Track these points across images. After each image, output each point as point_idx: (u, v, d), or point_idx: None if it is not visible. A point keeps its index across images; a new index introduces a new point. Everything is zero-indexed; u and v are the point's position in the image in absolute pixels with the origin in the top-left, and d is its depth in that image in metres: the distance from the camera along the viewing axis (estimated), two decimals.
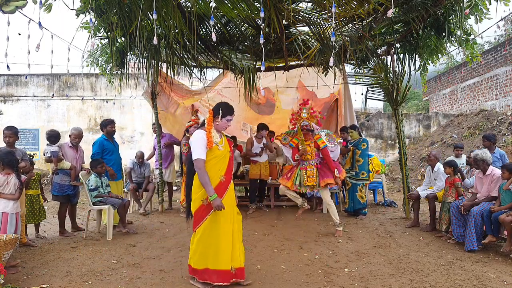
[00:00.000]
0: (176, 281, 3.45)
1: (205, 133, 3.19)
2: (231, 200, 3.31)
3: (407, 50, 6.10)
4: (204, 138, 3.17)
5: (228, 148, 3.35)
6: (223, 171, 3.25)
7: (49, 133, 5.28)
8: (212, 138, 3.19)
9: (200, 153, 3.13)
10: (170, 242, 4.87)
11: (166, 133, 7.64)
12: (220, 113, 3.27)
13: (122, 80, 6.12)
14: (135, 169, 6.98)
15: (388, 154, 12.56)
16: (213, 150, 3.19)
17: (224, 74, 7.80)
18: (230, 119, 3.34)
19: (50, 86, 12.21)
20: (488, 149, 5.54)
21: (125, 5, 4.23)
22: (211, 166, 3.18)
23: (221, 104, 3.39)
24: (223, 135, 3.39)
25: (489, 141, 5.68)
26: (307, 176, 5.22)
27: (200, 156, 3.12)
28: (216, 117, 3.29)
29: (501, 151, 5.79)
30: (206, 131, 3.21)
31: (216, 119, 3.29)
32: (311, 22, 5.14)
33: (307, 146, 5.30)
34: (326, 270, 3.77)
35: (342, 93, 8.12)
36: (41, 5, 3.50)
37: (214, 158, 3.20)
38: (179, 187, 9.79)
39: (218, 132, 3.33)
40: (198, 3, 4.54)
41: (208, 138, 3.17)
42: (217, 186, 3.16)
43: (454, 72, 15.21)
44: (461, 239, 4.70)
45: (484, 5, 4.56)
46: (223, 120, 3.29)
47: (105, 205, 5.11)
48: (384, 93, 6.65)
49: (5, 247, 3.36)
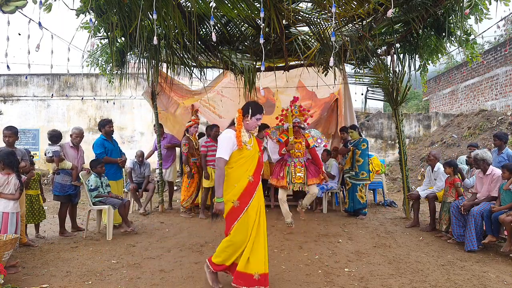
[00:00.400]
0: (176, 281, 3.45)
1: (234, 133, 3.11)
2: (260, 202, 3.19)
3: (407, 50, 6.10)
4: (232, 138, 3.08)
5: (257, 148, 3.25)
6: (251, 172, 3.14)
7: (51, 133, 5.29)
8: (242, 138, 3.10)
9: (223, 153, 3.06)
10: (170, 242, 4.87)
11: (167, 134, 7.64)
12: (250, 112, 3.17)
13: (122, 80, 6.11)
14: (135, 169, 6.98)
15: (388, 154, 12.56)
16: (241, 150, 3.09)
17: (224, 74, 7.80)
18: (260, 118, 3.23)
19: (50, 86, 12.21)
20: (498, 148, 5.44)
21: (125, 5, 4.23)
22: (239, 166, 3.10)
23: (251, 103, 3.28)
24: (252, 135, 3.30)
25: (500, 140, 5.44)
26: (296, 173, 5.28)
27: (222, 156, 3.05)
28: (246, 116, 3.19)
29: (511, 151, 5.46)
30: (236, 131, 3.12)
31: (245, 119, 3.19)
32: (311, 22, 5.14)
33: (298, 143, 5.35)
34: (326, 270, 3.77)
35: (342, 93, 8.12)
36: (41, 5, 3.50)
37: (242, 158, 3.11)
38: (179, 187, 9.79)
39: (248, 131, 3.23)
40: (198, 3, 4.54)
41: (237, 138, 3.08)
42: (246, 187, 3.07)
43: (454, 72, 15.21)
44: (461, 239, 4.70)
45: (484, 5, 4.55)
46: (252, 119, 3.19)
47: (105, 205, 5.11)
48: (384, 93, 6.65)
49: (5, 247, 3.36)
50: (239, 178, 3.08)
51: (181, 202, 6.77)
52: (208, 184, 6.47)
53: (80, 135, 5.47)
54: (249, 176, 3.12)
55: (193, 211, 6.83)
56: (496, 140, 5.53)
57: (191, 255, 4.27)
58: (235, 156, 3.09)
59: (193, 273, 3.67)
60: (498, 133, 5.66)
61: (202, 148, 6.54)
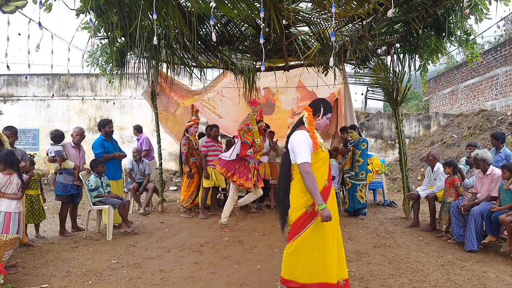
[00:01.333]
0: (176, 281, 3.45)
1: (308, 134, 2.85)
2: (334, 206, 2.96)
3: (407, 50, 6.10)
4: (309, 139, 2.82)
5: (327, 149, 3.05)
6: (326, 175, 2.91)
7: (53, 133, 5.30)
8: (317, 138, 2.87)
9: (306, 156, 2.76)
10: (170, 242, 4.87)
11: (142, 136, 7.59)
12: (321, 111, 2.94)
13: (122, 80, 6.12)
14: (134, 168, 6.99)
15: (388, 154, 12.56)
16: (318, 152, 2.85)
17: (224, 74, 7.80)
18: (329, 117, 3.06)
19: (50, 86, 12.21)
20: (496, 148, 5.43)
21: (125, 5, 4.23)
22: (316, 169, 2.82)
23: (321, 101, 3.05)
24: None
25: (496, 140, 5.41)
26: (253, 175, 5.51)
27: (306, 160, 2.76)
28: (317, 116, 2.94)
29: (509, 151, 5.46)
30: (309, 132, 2.87)
31: (317, 118, 2.95)
32: (311, 22, 5.14)
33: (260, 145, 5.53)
34: None
35: (342, 93, 8.12)
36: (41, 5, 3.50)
37: (319, 160, 2.86)
38: (179, 187, 9.78)
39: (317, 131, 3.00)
40: (198, 3, 4.54)
41: (313, 139, 2.83)
42: (322, 192, 2.80)
43: (454, 72, 15.21)
44: (461, 239, 4.70)
45: (484, 5, 4.55)
46: (323, 118, 2.97)
47: (105, 205, 5.11)
48: (384, 93, 6.65)
49: (5, 247, 3.36)
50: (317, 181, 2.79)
51: (181, 202, 6.77)
52: (208, 184, 6.47)
53: (81, 134, 5.48)
54: (325, 180, 2.89)
55: (193, 211, 6.83)
56: (493, 140, 5.51)
57: (191, 255, 4.27)
58: (312, 159, 2.82)
59: (193, 273, 3.67)
60: (495, 133, 5.64)
61: (202, 148, 6.54)
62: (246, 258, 4.15)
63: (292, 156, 2.88)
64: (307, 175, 2.74)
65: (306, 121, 2.93)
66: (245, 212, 7.09)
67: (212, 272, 3.68)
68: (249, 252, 4.39)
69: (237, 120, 9.27)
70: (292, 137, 2.90)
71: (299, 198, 2.85)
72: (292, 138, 2.90)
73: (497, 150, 5.40)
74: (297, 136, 2.87)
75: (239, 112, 8.94)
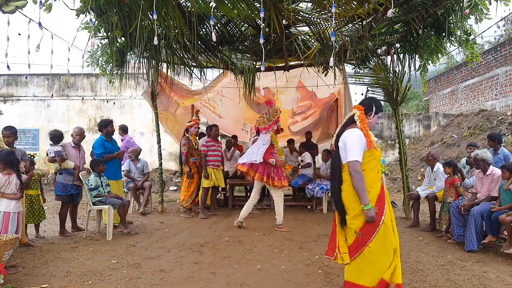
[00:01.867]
0: (176, 281, 3.45)
1: (362, 132, 2.77)
2: (390, 207, 2.85)
3: (407, 50, 6.11)
4: (363, 137, 2.74)
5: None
6: (380, 174, 2.84)
7: (52, 133, 5.30)
8: (371, 137, 2.79)
9: (358, 155, 2.69)
10: (170, 242, 4.87)
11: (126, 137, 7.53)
12: (373, 109, 2.88)
13: (122, 80, 6.12)
14: (131, 168, 7.00)
15: (388, 154, 12.56)
16: (372, 150, 2.75)
17: (224, 74, 7.80)
18: (380, 116, 3.00)
19: (50, 86, 12.21)
20: (493, 149, 5.42)
21: (125, 5, 4.24)
22: (370, 168, 2.75)
23: (372, 99, 2.99)
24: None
25: (493, 141, 5.40)
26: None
27: (358, 158, 2.68)
28: (369, 114, 2.88)
29: (507, 152, 5.44)
30: (362, 130, 2.79)
31: (368, 117, 2.88)
32: (311, 22, 5.14)
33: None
34: (326, 270, 3.76)
35: (342, 93, 8.12)
36: (41, 5, 3.50)
37: (373, 159, 2.76)
38: (179, 187, 9.79)
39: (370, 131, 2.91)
40: (198, 3, 4.54)
41: (367, 137, 2.75)
42: (380, 192, 2.74)
43: (454, 72, 15.21)
44: (461, 239, 4.70)
45: (484, 5, 4.56)
46: (375, 117, 2.90)
47: (105, 205, 5.11)
48: (384, 93, 6.65)
49: (5, 247, 3.36)
50: (373, 181, 2.73)
51: (181, 202, 6.77)
52: (207, 184, 6.47)
53: (81, 134, 5.48)
54: (381, 180, 2.81)
55: (193, 211, 6.83)
56: (490, 141, 5.47)
57: (191, 255, 4.27)
58: (366, 158, 2.74)
59: (193, 273, 3.67)
60: (492, 134, 5.62)
61: (202, 148, 6.54)
62: (246, 258, 4.15)
63: (344, 155, 2.79)
64: (356, 174, 2.67)
65: (358, 120, 2.84)
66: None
67: (212, 272, 3.68)
68: (249, 252, 4.39)
69: (237, 121, 9.29)
70: (344, 134, 2.81)
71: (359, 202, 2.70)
72: (344, 136, 2.80)
73: (495, 151, 5.39)
74: (350, 134, 2.77)
75: (239, 112, 8.95)
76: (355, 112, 2.88)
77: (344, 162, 2.79)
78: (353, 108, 2.95)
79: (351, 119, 2.90)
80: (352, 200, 2.73)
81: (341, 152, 2.82)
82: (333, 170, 2.91)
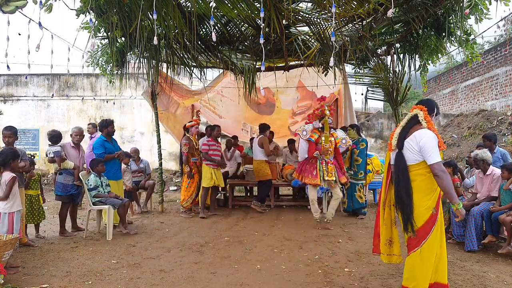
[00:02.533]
0: (176, 281, 3.45)
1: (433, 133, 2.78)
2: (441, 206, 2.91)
3: (407, 50, 6.11)
4: (436, 138, 2.75)
5: None
6: None
7: (51, 134, 5.29)
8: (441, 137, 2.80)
9: (439, 155, 2.69)
10: (170, 242, 4.87)
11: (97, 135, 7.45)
12: (435, 111, 2.94)
13: (122, 80, 6.12)
14: (131, 168, 7.01)
15: None
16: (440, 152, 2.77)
17: (224, 74, 7.81)
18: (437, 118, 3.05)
19: (50, 86, 12.21)
20: (489, 149, 5.46)
21: (125, 5, 4.24)
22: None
23: (432, 101, 3.03)
24: None
25: (489, 141, 5.47)
26: (328, 172, 5.46)
27: (440, 158, 2.69)
28: (432, 115, 2.91)
29: (503, 150, 5.57)
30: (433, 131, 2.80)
31: (432, 117, 2.91)
32: (311, 22, 5.14)
33: (329, 142, 5.53)
34: (326, 270, 3.76)
35: (342, 93, 8.13)
36: (41, 5, 3.50)
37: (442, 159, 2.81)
38: (179, 187, 9.79)
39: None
40: (198, 3, 4.54)
41: (439, 138, 2.78)
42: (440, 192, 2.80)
43: (454, 72, 15.21)
44: (461, 239, 4.69)
45: (484, 5, 4.56)
46: (433, 118, 2.94)
47: (105, 205, 5.11)
48: (384, 93, 6.65)
49: (5, 247, 3.36)
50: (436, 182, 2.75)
51: (181, 202, 6.77)
52: (207, 184, 6.48)
53: (80, 134, 5.48)
54: None
55: (193, 211, 6.83)
56: (485, 141, 5.55)
57: (191, 255, 4.27)
58: None
59: (193, 273, 3.67)
60: (487, 134, 5.70)
61: (203, 146, 6.55)
62: (246, 258, 4.15)
63: (413, 155, 2.77)
64: (444, 174, 2.67)
65: (423, 120, 2.83)
66: (245, 213, 7.10)
67: (212, 272, 3.68)
68: (249, 252, 4.39)
69: (237, 121, 9.30)
70: (418, 136, 2.76)
71: (426, 200, 2.76)
72: (420, 137, 2.75)
73: (491, 151, 5.42)
74: (426, 135, 2.74)
75: (239, 112, 8.95)
76: (418, 113, 2.88)
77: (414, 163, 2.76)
78: (414, 109, 2.94)
79: (414, 119, 2.87)
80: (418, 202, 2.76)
81: (408, 153, 2.79)
82: (398, 170, 2.84)
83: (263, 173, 7.03)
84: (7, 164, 3.85)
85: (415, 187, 2.76)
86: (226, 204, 7.79)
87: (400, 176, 2.80)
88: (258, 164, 7.06)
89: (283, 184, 7.82)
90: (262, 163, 7.04)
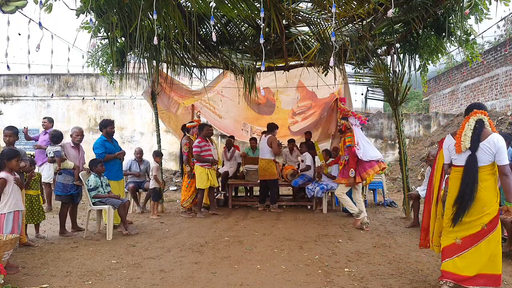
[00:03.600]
0: (176, 281, 3.45)
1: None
2: None
3: (407, 50, 6.10)
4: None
5: None
6: None
7: (52, 133, 5.30)
8: None
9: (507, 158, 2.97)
10: (170, 242, 4.87)
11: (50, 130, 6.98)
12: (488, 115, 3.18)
13: (122, 80, 6.12)
14: (132, 168, 7.00)
15: (388, 154, 12.57)
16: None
17: (224, 74, 7.81)
18: None
19: (50, 86, 12.22)
20: None
21: (125, 5, 4.24)
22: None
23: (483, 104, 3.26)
24: None
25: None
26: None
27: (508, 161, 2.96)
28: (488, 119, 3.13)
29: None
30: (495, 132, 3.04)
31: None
32: (311, 22, 5.14)
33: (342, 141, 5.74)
34: (326, 270, 3.77)
35: (342, 93, 8.12)
36: (41, 5, 3.51)
37: None
38: (179, 187, 9.79)
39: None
40: (198, 3, 4.54)
41: None
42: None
43: (454, 72, 15.21)
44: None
45: (484, 5, 4.56)
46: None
47: (105, 205, 5.11)
48: (384, 93, 6.65)
49: (5, 247, 3.36)
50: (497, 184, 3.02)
51: (181, 202, 6.77)
52: (204, 186, 6.45)
53: (81, 134, 5.48)
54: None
55: (193, 211, 6.83)
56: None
57: (191, 255, 4.27)
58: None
59: (193, 273, 3.67)
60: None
61: (195, 149, 6.46)
62: (246, 258, 4.15)
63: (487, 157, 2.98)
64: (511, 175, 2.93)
65: (488, 124, 3.07)
66: (245, 213, 7.10)
67: (212, 272, 3.68)
68: (249, 252, 4.39)
69: (237, 121, 9.30)
70: (496, 139, 2.97)
71: (495, 199, 3.00)
72: (497, 140, 2.96)
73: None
74: (501, 139, 2.98)
75: (239, 112, 8.95)
76: (482, 117, 3.08)
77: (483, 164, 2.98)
78: (476, 113, 3.13)
79: (480, 123, 3.07)
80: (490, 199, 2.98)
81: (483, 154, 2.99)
82: (471, 170, 3.02)
83: (270, 172, 7.04)
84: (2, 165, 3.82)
85: (487, 187, 2.99)
86: (226, 204, 7.79)
87: (470, 176, 3.00)
88: (266, 163, 7.06)
89: (283, 184, 7.83)
90: (270, 162, 7.06)
